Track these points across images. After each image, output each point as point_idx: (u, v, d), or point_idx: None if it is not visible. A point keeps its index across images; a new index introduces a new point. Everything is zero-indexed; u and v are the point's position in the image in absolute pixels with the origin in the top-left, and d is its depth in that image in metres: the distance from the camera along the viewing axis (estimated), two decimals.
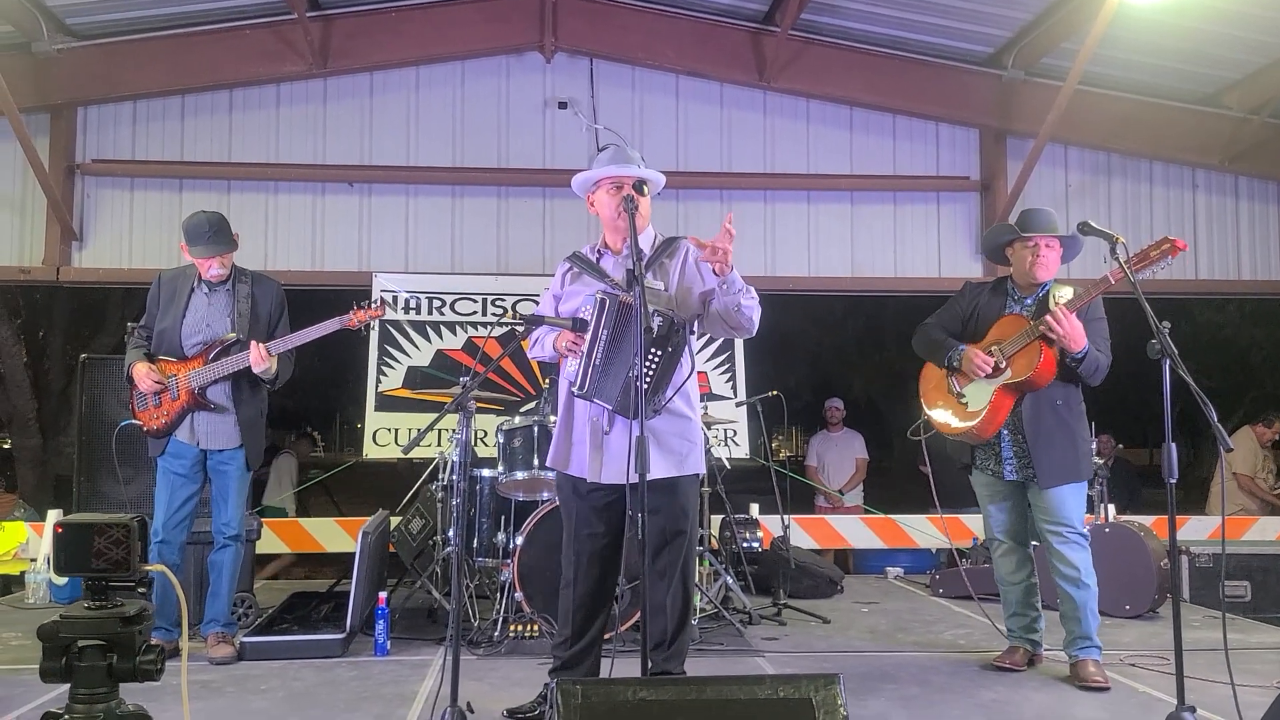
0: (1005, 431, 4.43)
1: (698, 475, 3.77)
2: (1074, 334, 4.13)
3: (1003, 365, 4.33)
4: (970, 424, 4.41)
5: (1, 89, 6.69)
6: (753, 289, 3.62)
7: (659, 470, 3.56)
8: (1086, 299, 4.20)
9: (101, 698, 1.92)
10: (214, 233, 4.80)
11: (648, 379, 3.45)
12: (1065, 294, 4.33)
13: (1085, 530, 4.43)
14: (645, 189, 3.75)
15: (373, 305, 4.94)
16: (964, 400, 4.46)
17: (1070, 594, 4.36)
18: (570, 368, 3.65)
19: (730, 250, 3.43)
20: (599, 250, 3.85)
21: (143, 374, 4.74)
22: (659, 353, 3.50)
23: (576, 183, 3.85)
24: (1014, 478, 4.49)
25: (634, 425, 3.30)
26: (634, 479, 3.22)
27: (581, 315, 3.64)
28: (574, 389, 3.60)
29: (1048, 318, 4.14)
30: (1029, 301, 4.50)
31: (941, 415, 4.58)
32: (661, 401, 3.58)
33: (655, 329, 3.46)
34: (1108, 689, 4.17)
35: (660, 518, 3.60)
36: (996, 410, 4.35)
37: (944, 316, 4.71)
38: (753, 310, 3.61)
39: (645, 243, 3.79)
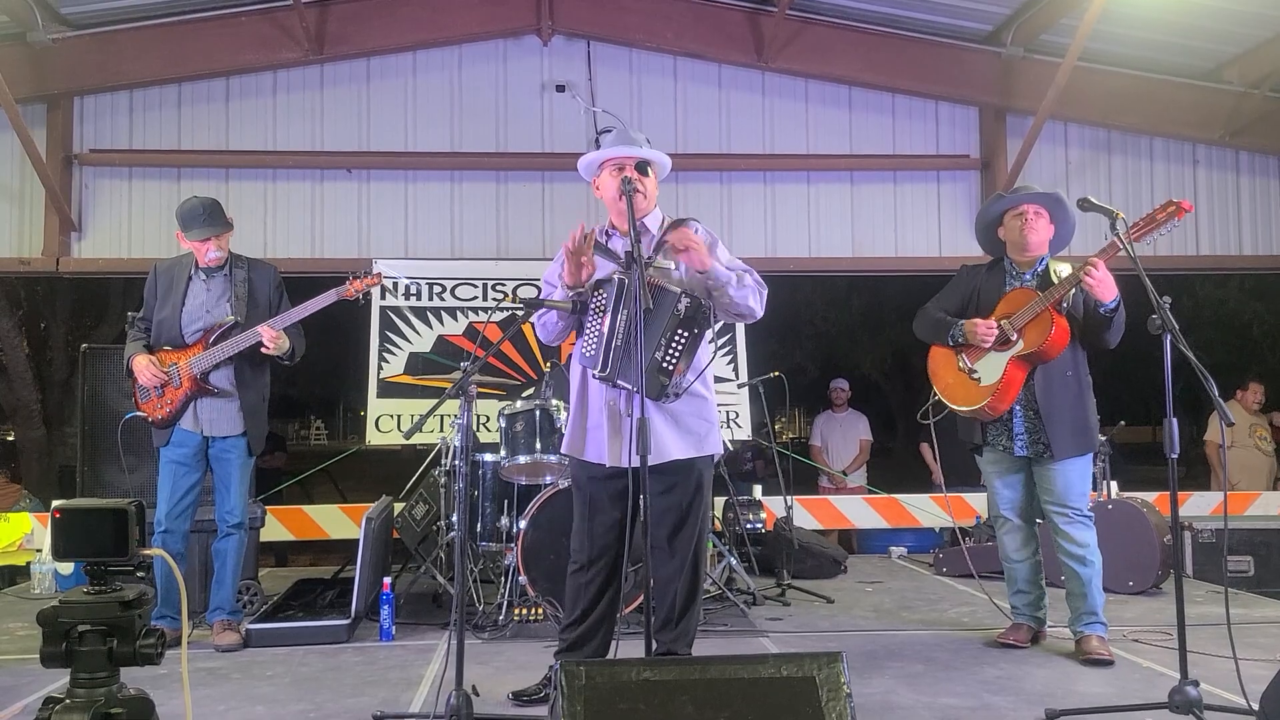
0: (1017, 406, 4.42)
1: (713, 456, 3.77)
2: (1109, 281, 4.11)
3: (1014, 337, 4.31)
4: (984, 400, 4.37)
5: None
6: (748, 277, 3.62)
7: (679, 450, 3.58)
8: (1106, 258, 4.12)
9: (102, 682, 1.93)
10: (208, 215, 4.80)
11: (674, 358, 3.46)
12: (1064, 269, 4.33)
13: (1090, 510, 4.43)
14: (649, 170, 3.74)
15: (368, 274, 4.94)
16: (976, 376, 4.42)
17: (1076, 571, 4.37)
18: (587, 350, 3.61)
19: (693, 248, 3.47)
20: (607, 231, 3.84)
21: (143, 367, 4.73)
22: (685, 334, 3.49)
23: (582, 167, 3.84)
24: (1025, 453, 4.47)
25: (636, 401, 3.33)
26: (647, 460, 3.23)
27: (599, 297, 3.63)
28: (595, 372, 3.55)
29: (1086, 265, 4.09)
30: (1028, 277, 4.49)
31: (954, 393, 4.53)
32: (683, 385, 3.55)
33: (683, 310, 3.47)
34: (1111, 663, 4.18)
35: (675, 496, 3.61)
36: (1010, 384, 4.33)
37: (943, 299, 4.69)
38: (745, 298, 3.61)
39: (654, 224, 3.80)
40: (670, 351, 3.47)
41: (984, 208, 4.75)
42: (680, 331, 3.48)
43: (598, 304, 3.59)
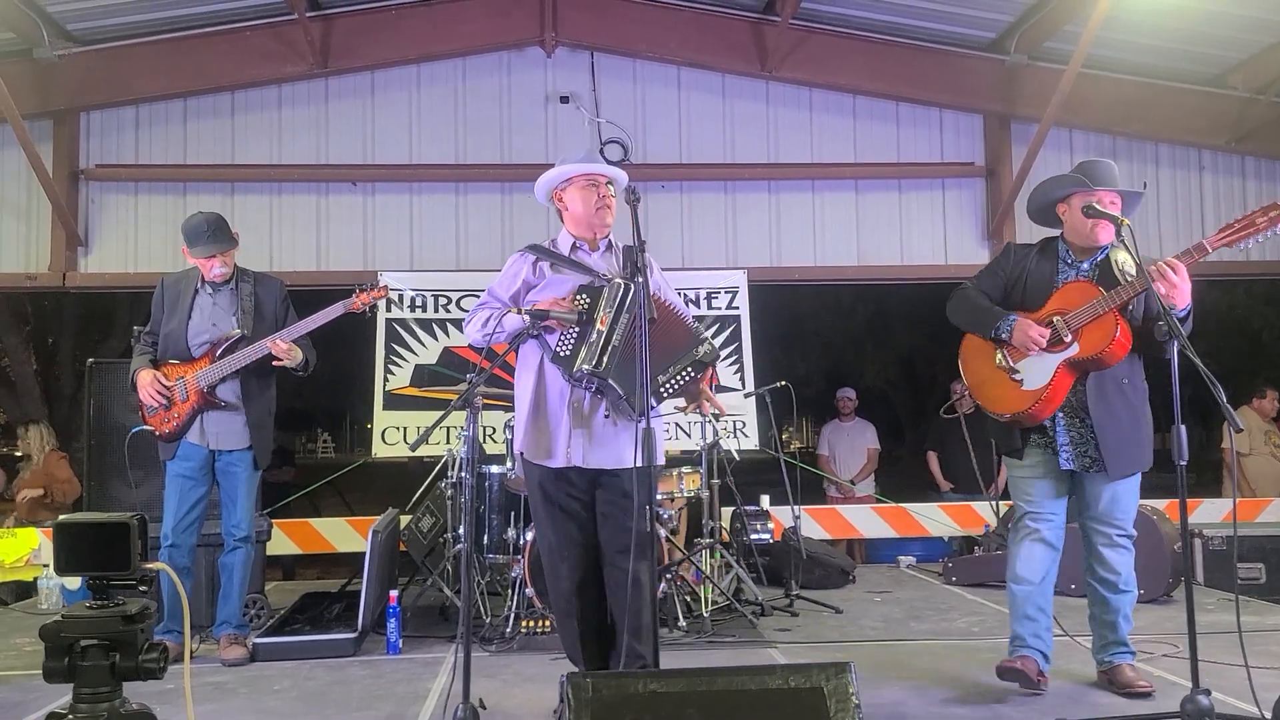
0: (1060, 414, 3.91)
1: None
2: (1187, 287, 3.64)
3: (1068, 338, 3.82)
4: (1026, 406, 3.86)
5: (4, 96, 6.70)
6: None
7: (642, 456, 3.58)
8: (1189, 261, 3.71)
9: (105, 697, 1.92)
10: (213, 231, 4.80)
11: (672, 388, 3.59)
12: (1125, 259, 3.87)
13: (1134, 531, 4.04)
14: (612, 188, 3.82)
15: (375, 287, 4.93)
16: (1017, 376, 3.90)
17: (1108, 599, 4.00)
18: (563, 351, 3.58)
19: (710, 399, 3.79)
20: (575, 243, 3.83)
21: (146, 383, 4.73)
22: (693, 373, 3.61)
23: (547, 180, 3.83)
24: (1070, 466, 3.94)
25: (603, 407, 3.52)
26: (651, 468, 3.28)
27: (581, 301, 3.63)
28: (584, 366, 3.51)
29: (1161, 264, 3.64)
30: (1085, 266, 3.97)
31: (989, 392, 3.99)
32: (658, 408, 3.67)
33: (700, 354, 3.61)
34: (1151, 693, 3.89)
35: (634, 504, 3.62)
36: (1057, 390, 3.84)
37: (985, 282, 4.12)
38: None
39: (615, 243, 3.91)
40: (673, 382, 3.58)
41: (1051, 185, 4.12)
42: (690, 370, 3.60)
43: (579, 303, 3.59)
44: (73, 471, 8.21)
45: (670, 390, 3.58)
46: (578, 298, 3.58)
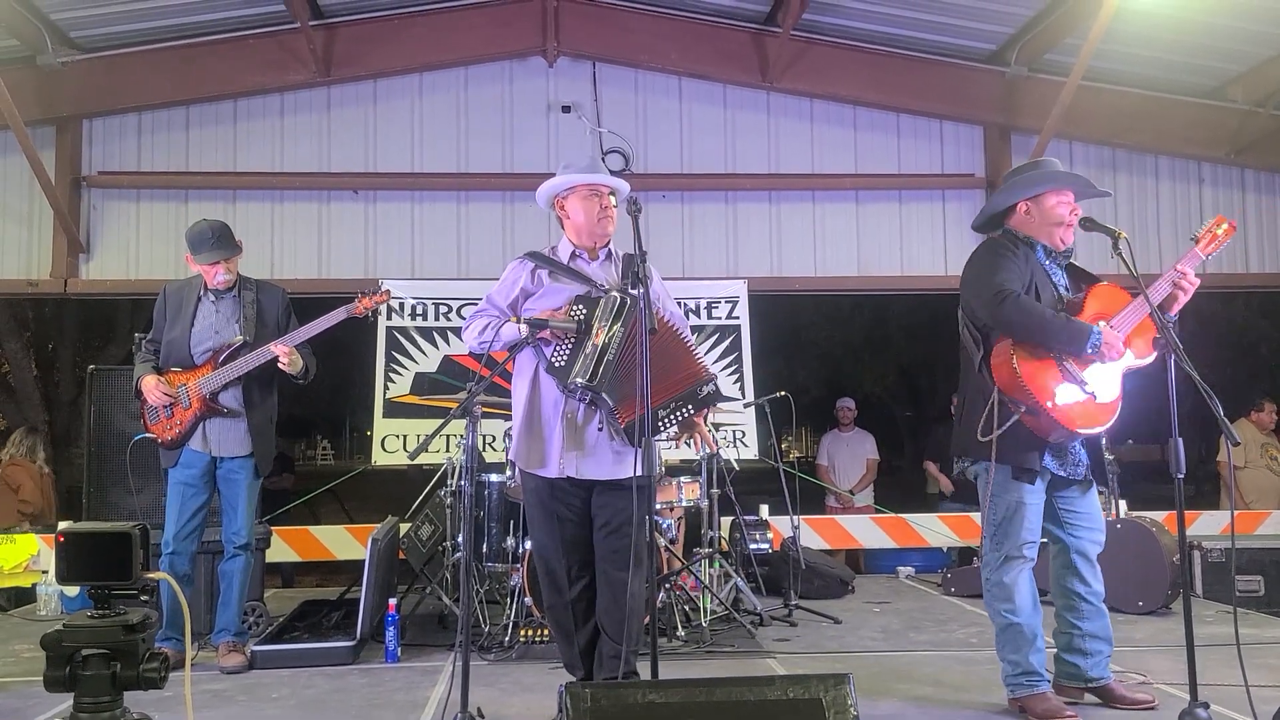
0: None
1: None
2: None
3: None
4: (1109, 421, 3.64)
5: (7, 102, 6.71)
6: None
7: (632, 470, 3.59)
8: (1195, 261, 3.67)
9: (106, 706, 1.93)
10: (217, 239, 4.82)
11: (672, 421, 3.63)
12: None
13: None
14: (614, 197, 3.84)
15: (378, 292, 4.95)
16: (1089, 389, 3.58)
17: (1100, 611, 3.84)
18: (558, 360, 3.60)
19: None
20: (575, 252, 3.85)
21: (151, 387, 4.74)
22: (691, 410, 3.65)
23: (551, 185, 3.85)
24: (1088, 477, 3.84)
25: (603, 418, 3.53)
26: (628, 485, 3.36)
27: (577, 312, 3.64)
28: (579, 379, 3.54)
29: (1185, 270, 3.60)
30: (1063, 268, 3.88)
31: (1069, 411, 3.58)
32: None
33: (703, 393, 3.66)
34: (1154, 706, 3.81)
35: (629, 511, 3.62)
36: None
37: (1015, 283, 3.68)
38: None
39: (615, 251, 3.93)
40: (673, 418, 3.62)
41: (1025, 180, 3.99)
42: (690, 408, 3.64)
43: (574, 314, 3.60)
44: (33, 485, 7.79)
45: (669, 424, 3.62)
46: (573, 308, 3.59)
